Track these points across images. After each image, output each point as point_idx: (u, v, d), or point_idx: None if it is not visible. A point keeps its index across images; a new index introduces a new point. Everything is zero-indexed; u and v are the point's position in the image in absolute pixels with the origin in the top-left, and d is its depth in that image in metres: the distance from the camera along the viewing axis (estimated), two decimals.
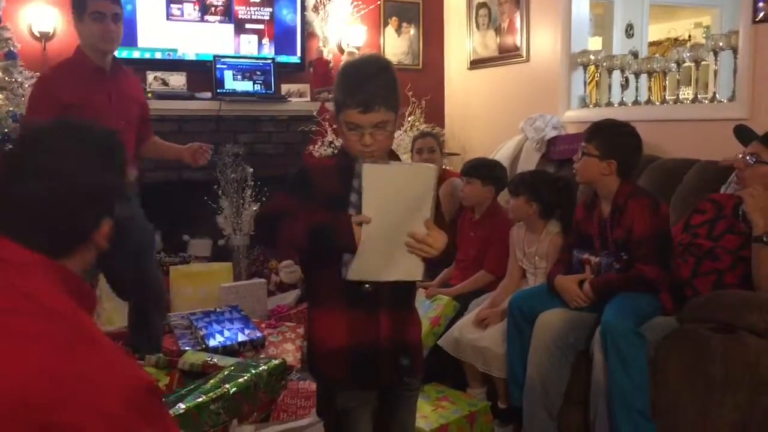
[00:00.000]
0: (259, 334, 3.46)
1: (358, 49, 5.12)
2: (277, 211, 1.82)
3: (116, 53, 3.03)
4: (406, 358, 1.91)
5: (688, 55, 3.69)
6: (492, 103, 5.11)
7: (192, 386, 2.68)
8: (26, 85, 3.63)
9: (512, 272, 3.17)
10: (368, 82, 1.77)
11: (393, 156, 1.99)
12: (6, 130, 3.42)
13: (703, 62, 3.73)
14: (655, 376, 2.36)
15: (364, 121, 1.77)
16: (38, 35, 4.22)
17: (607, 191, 2.66)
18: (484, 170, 3.41)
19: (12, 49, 3.60)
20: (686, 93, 4.53)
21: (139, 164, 3.15)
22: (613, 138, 2.66)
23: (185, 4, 4.60)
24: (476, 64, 5.28)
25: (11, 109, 3.46)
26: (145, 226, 3.17)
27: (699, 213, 2.74)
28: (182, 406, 2.51)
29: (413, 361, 1.95)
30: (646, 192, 2.69)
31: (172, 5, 4.56)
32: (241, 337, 3.40)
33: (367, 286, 1.80)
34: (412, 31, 5.48)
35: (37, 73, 3.76)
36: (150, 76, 4.48)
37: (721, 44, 3.44)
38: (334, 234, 1.72)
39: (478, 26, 5.22)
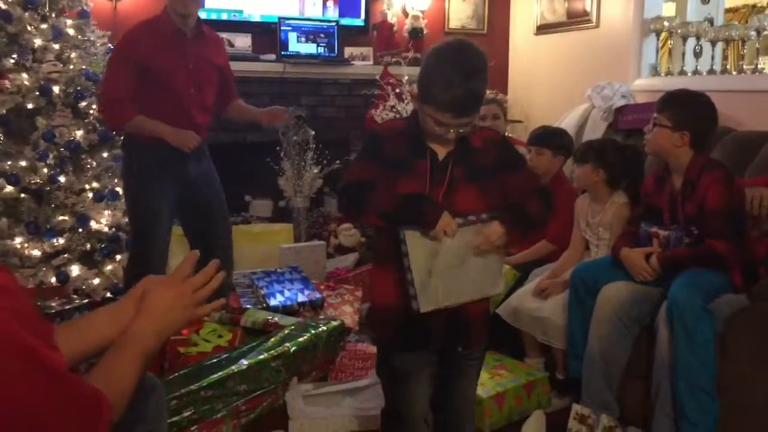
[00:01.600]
0: (318, 296, 3.51)
1: (422, 12, 5.05)
2: (359, 182, 1.84)
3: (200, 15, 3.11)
4: (462, 332, 1.92)
5: None
6: (558, 70, 4.99)
7: (254, 343, 2.75)
8: (98, 44, 3.71)
9: (575, 243, 3.12)
10: (465, 84, 1.71)
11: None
12: (79, 88, 3.50)
13: None
14: (722, 353, 2.30)
15: (454, 123, 1.76)
16: None
17: (679, 164, 2.57)
18: (555, 140, 3.34)
19: (84, 7, 3.67)
20: (764, 63, 4.34)
21: (208, 126, 3.20)
22: (687, 108, 2.57)
23: None
24: (543, 29, 5.15)
25: (84, 67, 3.54)
26: (215, 185, 3.25)
27: None
28: (244, 362, 2.59)
29: (470, 332, 1.95)
30: (721, 165, 2.60)
31: None
32: (300, 298, 3.45)
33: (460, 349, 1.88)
34: None
35: (108, 32, 3.84)
36: None
37: None
38: (419, 216, 1.77)
39: None
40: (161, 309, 1.31)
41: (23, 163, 3.36)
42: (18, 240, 3.35)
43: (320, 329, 2.89)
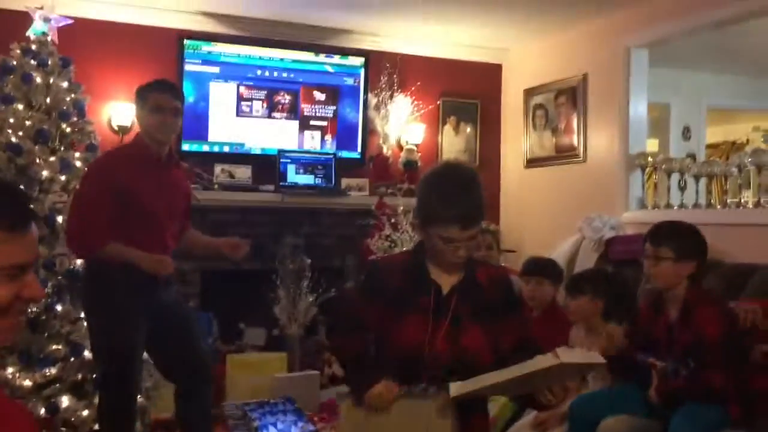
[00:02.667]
0: (311, 428, 3.44)
1: (416, 146, 5.26)
2: (344, 317, 1.94)
3: (187, 146, 3.16)
4: None
5: (750, 159, 3.69)
6: (548, 202, 5.15)
7: None
8: None
9: None
10: (464, 196, 1.80)
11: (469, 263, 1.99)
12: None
13: (765, 167, 3.71)
14: None
15: (462, 236, 1.81)
16: (117, 129, 4.50)
17: (676, 294, 2.61)
18: (549, 269, 3.41)
19: (93, 141, 3.81)
20: (746, 197, 4.49)
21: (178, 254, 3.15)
22: (689, 239, 2.62)
23: (254, 102, 4.85)
24: (533, 162, 5.35)
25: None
26: (187, 310, 3.20)
27: None
28: None
29: None
30: (717, 296, 2.65)
31: (242, 103, 4.80)
32: (294, 430, 3.38)
33: (422, 385, 1.81)
34: (469, 129, 5.61)
35: None
36: (217, 168, 4.67)
37: None
38: (357, 388, 1.83)
39: (535, 126, 5.32)
40: None
41: None
42: (10, 370, 3.31)
43: None
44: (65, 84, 3.73)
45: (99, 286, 2.91)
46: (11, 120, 3.52)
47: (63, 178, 3.59)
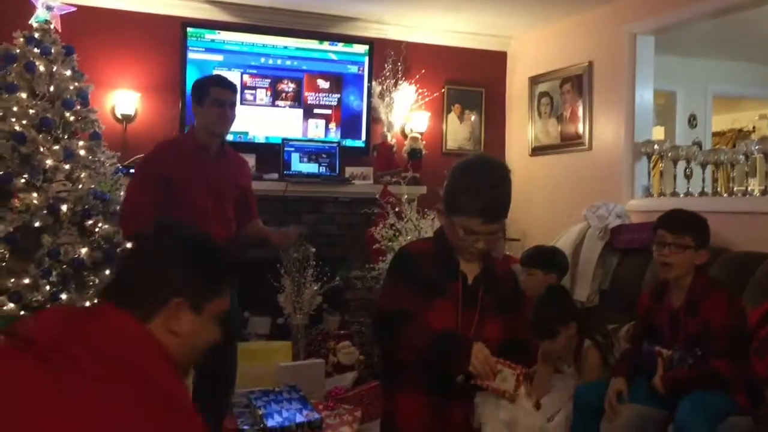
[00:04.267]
0: (316, 416, 3.44)
1: (421, 134, 5.24)
2: (395, 311, 1.85)
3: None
4: None
5: (757, 147, 3.66)
6: (553, 190, 5.13)
7: None
8: (107, 164, 3.82)
9: None
10: (492, 193, 1.80)
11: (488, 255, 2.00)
12: (86, 206, 3.58)
13: None
14: None
15: (484, 230, 1.82)
16: (120, 117, 4.49)
17: (683, 282, 2.60)
18: (543, 259, 3.41)
19: (97, 130, 3.80)
20: (753, 185, 4.47)
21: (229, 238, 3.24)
22: (704, 228, 2.62)
23: (258, 90, 4.83)
24: (538, 150, 5.33)
25: (93, 186, 3.63)
26: (236, 310, 3.26)
27: None
28: None
29: None
30: (723, 285, 2.63)
31: (246, 91, 4.78)
32: (299, 418, 3.39)
33: (459, 377, 1.82)
34: (474, 117, 5.59)
35: (118, 153, 3.98)
36: None
37: None
38: (455, 358, 1.78)
39: (540, 114, 5.30)
40: None
41: (26, 281, 3.38)
42: None
43: None
44: (68, 72, 3.72)
45: None
46: (15, 108, 3.52)
47: (67, 166, 3.59)
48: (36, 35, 3.66)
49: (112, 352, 1.14)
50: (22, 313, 3.39)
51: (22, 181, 3.48)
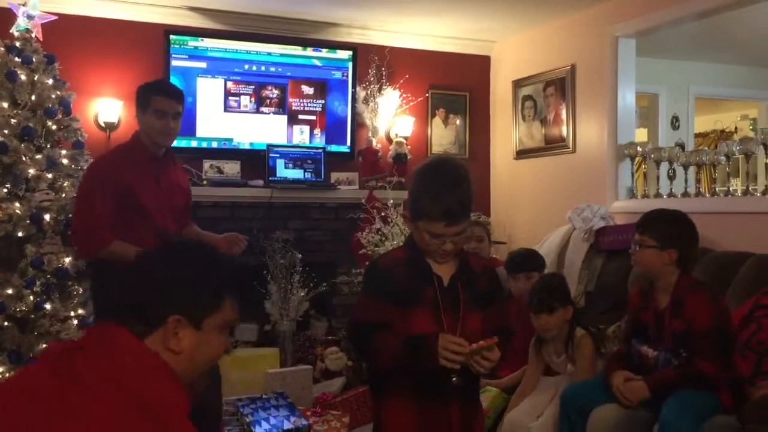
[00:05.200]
0: (304, 422, 3.43)
1: (406, 139, 5.25)
2: (366, 322, 1.88)
3: (175, 143, 3.16)
4: None
5: (738, 148, 3.70)
6: (538, 193, 5.15)
7: None
8: None
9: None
10: (451, 193, 1.81)
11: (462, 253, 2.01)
12: (70, 215, 3.55)
13: (753, 155, 3.72)
14: None
15: (448, 232, 1.82)
16: (104, 125, 4.47)
17: (666, 282, 2.62)
18: (520, 262, 3.45)
19: (80, 138, 3.78)
20: (735, 185, 4.52)
21: None
22: (672, 227, 2.64)
23: (242, 97, 4.82)
24: (522, 154, 5.35)
25: (75, 195, 3.61)
26: None
27: (763, 307, 2.68)
28: None
29: None
30: (707, 285, 2.66)
31: (230, 98, 4.78)
32: (286, 425, 3.37)
33: (454, 379, 1.82)
34: (459, 121, 5.61)
35: None
36: (206, 164, 4.65)
37: None
38: (425, 356, 1.78)
39: (524, 117, 5.32)
40: None
41: (9, 291, 3.36)
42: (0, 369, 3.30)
43: None
44: (50, 81, 3.71)
45: (104, 285, 2.89)
46: None
47: (49, 176, 3.57)
48: (17, 44, 3.64)
49: (111, 372, 1.13)
50: (6, 324, 3.37)
51: (5, 190, 3.46)
